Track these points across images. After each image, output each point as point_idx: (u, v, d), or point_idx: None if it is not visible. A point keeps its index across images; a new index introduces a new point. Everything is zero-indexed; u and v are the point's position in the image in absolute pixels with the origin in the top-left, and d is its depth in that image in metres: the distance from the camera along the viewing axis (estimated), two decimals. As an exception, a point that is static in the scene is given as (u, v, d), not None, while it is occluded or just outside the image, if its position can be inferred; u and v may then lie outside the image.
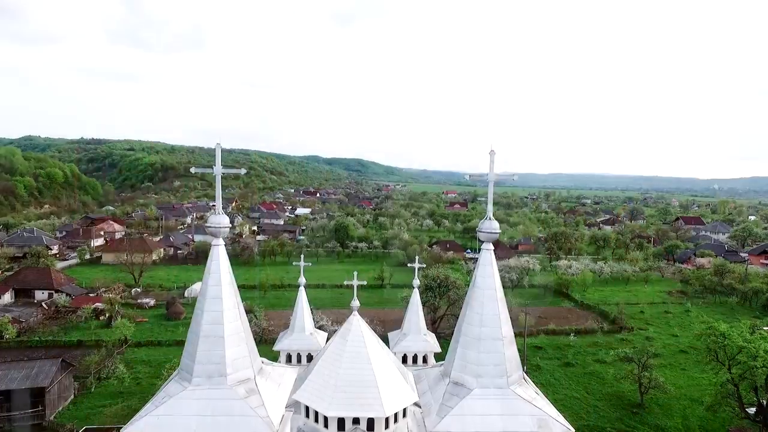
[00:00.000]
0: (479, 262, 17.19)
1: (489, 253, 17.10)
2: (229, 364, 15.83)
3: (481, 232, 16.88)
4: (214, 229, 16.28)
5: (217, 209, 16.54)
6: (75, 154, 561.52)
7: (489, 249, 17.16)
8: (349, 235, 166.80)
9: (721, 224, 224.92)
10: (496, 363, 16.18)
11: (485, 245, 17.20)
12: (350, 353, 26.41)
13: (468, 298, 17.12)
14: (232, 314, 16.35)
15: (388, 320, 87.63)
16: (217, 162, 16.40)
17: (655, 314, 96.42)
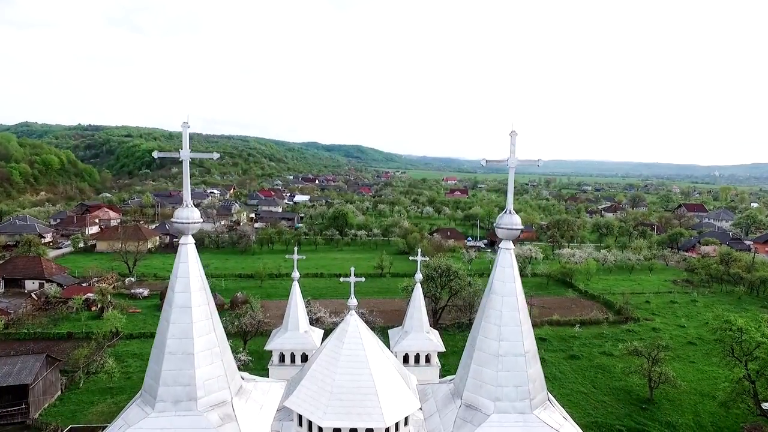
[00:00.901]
0: (497, 264, 14.55)
1: (509, 253, 14.45)
2: (200, 386, 13.28)
3: (500, 228, 14.21)
4: (182, 225, 13.64)
5: (185, 201, 13.85)
6: (72, 141, 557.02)
7: (508, 248, 14.51)
8: (348, 223, 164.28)
9: (724, 211, 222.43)
10: (518, 384, 13.63)
11: (504, 243, 14.54)
12: (347, 357, 24.06)
13: (483, 307, 14.50)
14: (204, 326, 13.75)
15: (388, 310, 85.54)
16: (185, 145, 13.68)
17: (661, 304, 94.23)
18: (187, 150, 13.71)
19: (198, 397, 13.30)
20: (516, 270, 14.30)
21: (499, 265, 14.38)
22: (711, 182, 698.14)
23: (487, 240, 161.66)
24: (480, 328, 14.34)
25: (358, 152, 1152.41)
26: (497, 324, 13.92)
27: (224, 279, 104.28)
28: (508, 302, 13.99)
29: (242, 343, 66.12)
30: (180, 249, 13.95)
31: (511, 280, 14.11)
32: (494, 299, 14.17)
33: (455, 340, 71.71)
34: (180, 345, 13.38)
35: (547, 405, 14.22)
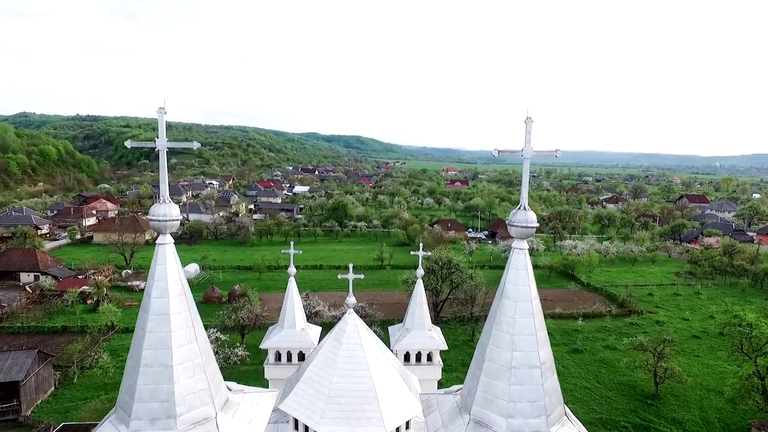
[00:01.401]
0: (509, 265, 13.13)
1: (523, 253, 13.02)
2: (179, 402, 11.92)
3: (514, 225, 12.77)
4: (159, 223, 12.21)
5: (162, 196, 12.41)
6: (71, 131, 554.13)
7: (522, 248, 13.08)
8: (347, 214, 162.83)
9: (727, 202, 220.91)
10: (533, 398, 12.28)
11: (517, 243, 13.11)
12: (345, 358, 22.78)
13: (494, 313, 13.10)
14: (185, 335, 12.36)
15: (388, 303, 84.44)
16: (161, 133, 12.22)
17: (664, 296, 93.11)
18: (164, 139, 12.24)
19: (177, 414, 11.94)
20: (531, 272, 12.90)
21: (511, 267, 12.97)
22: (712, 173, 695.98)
23: (487, 231, 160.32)
24: (490, 336, 12.95)
25: (358, 143, 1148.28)
26: (510, 333, 12.53)
27: (222, 271, 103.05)
28: (522, 308, 12.59)
29: (240, 338, 65.06)
30: (157, 249, 12.52)
31: (526, 284, 12.70)
32: (506, 305, 12.77)
33: (456, 333, 70.68)
34: (157, 356, 12.00)
35: (564, 421, 12.90)
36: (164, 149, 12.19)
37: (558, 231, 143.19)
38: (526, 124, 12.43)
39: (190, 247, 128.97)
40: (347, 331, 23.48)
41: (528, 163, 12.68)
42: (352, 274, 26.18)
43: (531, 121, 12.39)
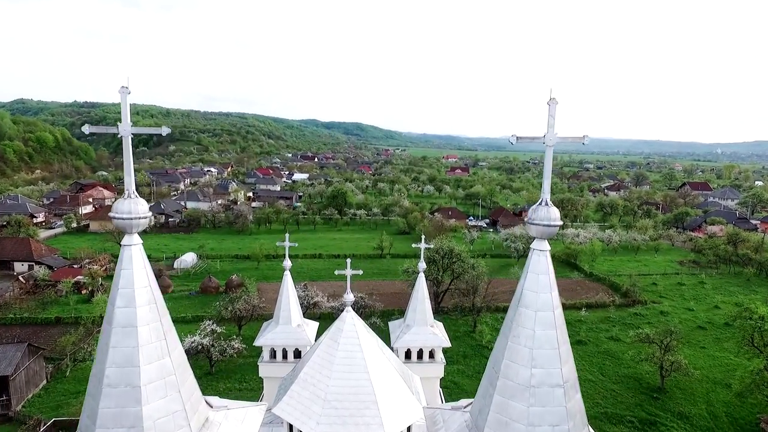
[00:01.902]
0: (528, 269, 11.47)
1: (544, 256, 11.36)
2: (149, 427, 10.33)
3: (535, 224, 11.08)
4: (124, 222, 10.54)
5: (127, 190, 10.71)
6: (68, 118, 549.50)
7: (543, 250, 11.41)
8: (347, 202, 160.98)
9: (730, 190, 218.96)
10: (554, 422, 10.72)
11: (537, 243, 11.44)
12: (343, 359, 21.41)
13: (510, 323, 11.46)
14: (156, 350, 10.73)
15: (388, 293, 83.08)
16: (125, 117, 10.47)
17: (668, 286, 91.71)
18: (128, 124, 10.49)
19: (146, 440, 10.36)
20: (552, 277, 11.26)
21: (530, 271, 11.30)
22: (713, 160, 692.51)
23: (489, 219, 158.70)
24: (506, 350, 11.33)
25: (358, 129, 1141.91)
26: (528, 346, 10.91)
27: (220, 260, 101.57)
28: (542, 318, 10.96)
29: (237, 329, 63.75)
30: (122, 252, 10.84)
31: (547, 290, 11.06)
32: (524, 315, 11.12)
33: (457, 324, 69.38)
34: (122, 375, 10.37)
35: (589, 446, 11.33)
36: (128, 135, 10.44)
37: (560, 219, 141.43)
38: (549, 106, 10.68)
39: (188, 235, 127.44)
40: (345, 331, 21.99)
41: (551, 151, 10.98)
42: (350, 270, 24.56)
43: (555, 102, 10.65)
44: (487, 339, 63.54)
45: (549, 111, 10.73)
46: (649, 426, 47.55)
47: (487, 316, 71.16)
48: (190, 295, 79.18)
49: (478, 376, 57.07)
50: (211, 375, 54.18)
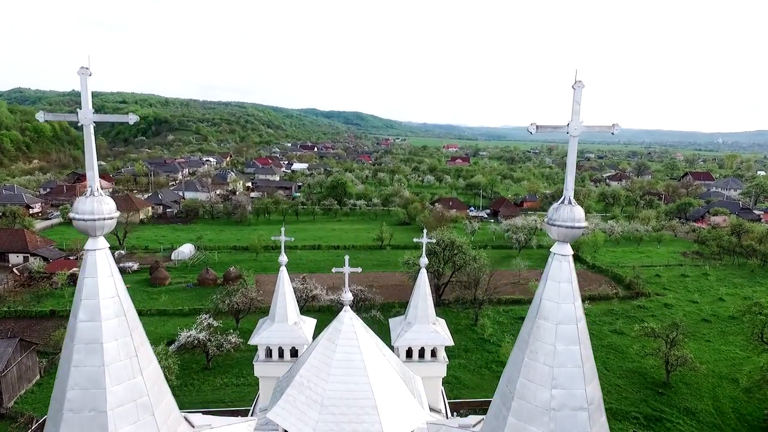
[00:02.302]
0: (548, 276, 10.12)
1: (566, 262, 10.01)
2: (117, 457, 9.06)
3: (556, 225, 9.71)
4: (86, 224, 9.20)
5: (90, 187, 9.34)
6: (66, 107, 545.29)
7: (566, 255, 10.06)
8: (347, 192, 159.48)
9: (733, 180, 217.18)
10: (578, 449, 9.41)
11: (559, 247, 10.08)
12: (340, 361, 20.25)
13: (527, 336, 10.14)
14: (125, 369, 9.43)
15: (389, 285, 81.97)
16: (85, 104, 9.07)
17: (671, 278, 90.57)
18: (89, 111, 9.08)
19: (114, 473, 9.09)
20: (576, 285, 9.92)
21: (550, 278, 9.96)
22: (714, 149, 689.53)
23: (489, 210, 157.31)
24: (522, 367, 10.02)
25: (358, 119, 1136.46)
26: (548, 364, 9.60)
27: (218, 251, 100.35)
28: (564, 333, 9.65)
29: (234, 322, 62.69)
30: (85, 258, 9.50)
31: (570, 300, 9.73)
32: (544, 328, 9.80)
33: (459, 317, 68.29)
34: (86, 399, 9.08)
35: (615, 474, 10.07)
36: (89, 124, 9.03)
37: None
38: (575, 90, 9.28)
39: (186, 226, 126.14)
40: (343, 332, 20.81)
41: (575, 142, 9.59)
42: (348, 268, 23.31)
43: (581, 85, 9.25)
44: (488, 332, 62.49)
45: (574, 96, 9.33)
46: (655, 422, 46.61)
47: (488, 308, 70.09)
48: (187, 288, 78.08)
49: (480, 371, 56.23)
50: (208, 370, 53.16)
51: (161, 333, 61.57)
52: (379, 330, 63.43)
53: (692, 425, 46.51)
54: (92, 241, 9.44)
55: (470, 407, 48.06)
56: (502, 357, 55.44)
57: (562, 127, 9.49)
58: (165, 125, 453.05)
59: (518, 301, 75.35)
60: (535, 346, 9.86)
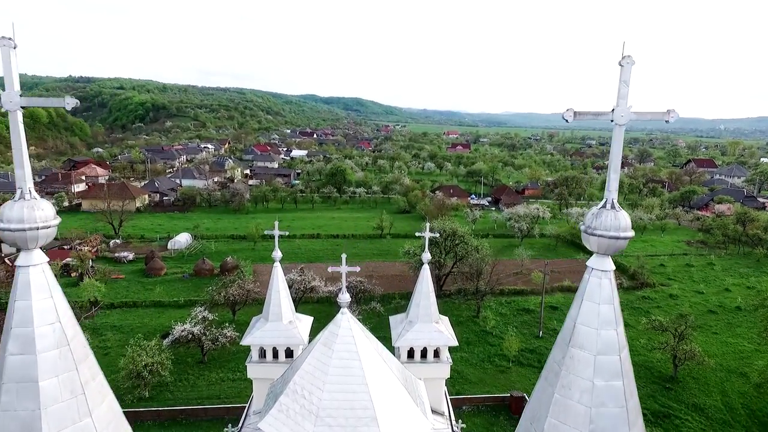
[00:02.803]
0: (583, 296, 8.35)
1: (607, 279, 8.24)
2: None
3: (595, 234, 7.92)
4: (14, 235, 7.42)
5: (21, 189, 7.53)
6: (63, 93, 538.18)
7: (606, 270, 8.29)
8: (346, 180, 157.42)
9: (736, 167, 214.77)
10: (620, 508, 7.72)
11: (597, 261, 8.30)
12: (337, 368, 18.70)
13: (556, 367, 8.39)
14: (68, 410, 7.68)
15: (389, 275, 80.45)
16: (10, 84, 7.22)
17: (676, 268, 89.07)
18: (15, 93, 7.22)
19: None
20: (618, 307, 8.16)
21: (587, 299, 8.20)
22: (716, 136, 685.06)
23: (491, 197, 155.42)
24: (551, 405, 8.29)
25: (358, 105, 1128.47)
26: (585, 404, 7.88)
27: (215, 241, 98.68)
28: (605, 365, 7.91)
29: (231, 314, 61.23)
30: (17, 276, 7.73)
31: (611, 325, 7.98)
32: (579, 359, 8.06)
33: (460, 309, 66.84)
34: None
35: None
36: (16, 109, 7.18)
37: (564, 198, 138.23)
38: (622, 68, 7.41)
39: (183, 214, 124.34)
40: (340, 336, 19.15)
41: (622, 131, 7.76)
42: (346, 267, 21.61)
43: (630, 62, 7.39)
44: (491, 325, 61.03)
45: (621, 75, 7.48)
46: (663, 419, 45.31)
47: (491, 300, 68.65)
48: (183, 278, 76.53)
49: (483, 365, 54.78)
50: (203, 364, 51.79)
51: (156, 325, 60.17)
52: (379, 322, 62.17)
53: (701, 422, 45.23)
54: (25, 255, 7.65)
55: (473, 403, 46.80)
56: (504, 350, 54.05)
57: (606, 114, 7.66)
58: (163, 111, 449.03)
59: (521, 291, 73.90)
60: (567, 380, 8.13)
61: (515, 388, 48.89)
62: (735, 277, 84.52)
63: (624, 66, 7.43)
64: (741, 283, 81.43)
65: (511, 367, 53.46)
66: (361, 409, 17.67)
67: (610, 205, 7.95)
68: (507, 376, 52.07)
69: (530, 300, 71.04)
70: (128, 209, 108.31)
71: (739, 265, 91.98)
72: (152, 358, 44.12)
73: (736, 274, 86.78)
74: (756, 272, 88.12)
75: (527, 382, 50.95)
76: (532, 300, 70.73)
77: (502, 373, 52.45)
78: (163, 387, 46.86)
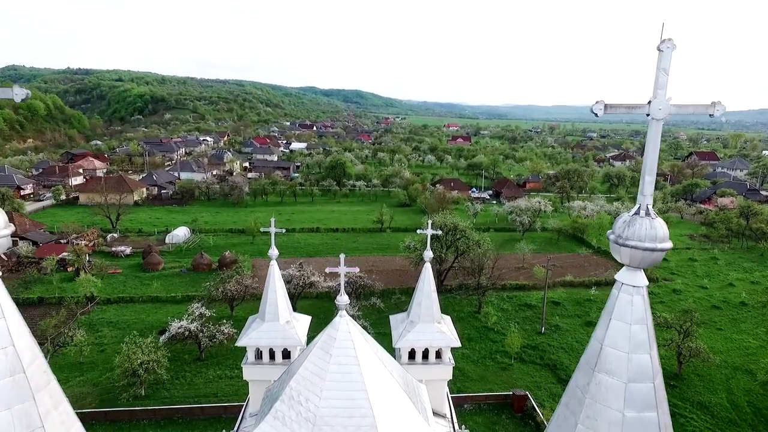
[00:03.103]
0: (611, 314, 7.36)
1: (639, 296, 7.26)
2: None
3: (628, 245, 6.92)
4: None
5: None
6: (62, 85, 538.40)
7: (638, 286, 7.29)
8: (346, 173, 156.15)
9: (739, 160, 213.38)
10: None
11: (627, 274, 7.32)
12: (335, 374, 17.85)
13: (580, 394, 7.40)
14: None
15: (389, 270, 79.58)
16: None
17: (679, 262, 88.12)
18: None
19: None
20: (651, 327, 7.16)
21: (616, 318, 7.21)
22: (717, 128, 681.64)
23: (492, 191, 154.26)
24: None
25: (358, 97, 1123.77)
26: (615, 440, 6.86)
27: (214, 235, 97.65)
28: (638, 394, 6.93)
29: (229, 310, 60.40)
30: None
31: (644, 348, 7.01)
32: (606, 386, 7.07)
33: (461, 305, 65.98)
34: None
35: None
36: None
37: (566, 191, 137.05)
38: (661, 53, 6.34)
39: (181, 208, 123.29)
40: (338, 340, 18.23)
41: (659, 126, 6.72)
42: (344, 267, 20.60)
43: (671, 46, 6.32)
44: (492, 321, 60.14)
45: (659, 62, 6.43)
46: (668, 417, 44.50)
47: (492, 295, 67.80)
48: (181, 273, 75.61)
49: (484, 361, 53.91)
50: (200, 361, 50.97)
51: (153, 321, 59.34)
52: (379, 318, 61.19)
53: (706, 420, 44.46)
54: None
55: (474, 402, 46.01)
56: (506, 347, 53.22)
57: (641, 107, 6.62)
58: (162, 104, 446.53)
59: (522, 286, 73.05)
60: (593, 409, 7.16)
61: (517, 385, 48.12)
62: (739, 272, 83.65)
63: (663, 51, 6.39)
64: (745, 277, 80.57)
65: (513, 364, 52.65)
66: (360, 416, 16.90)
67: (644, 211, 6.92)
68: (509, 373, 51.27)
69: (532, 295, 70.16)
70: (126, 203, 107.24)
71: (743, 260, 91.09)
72: (148, 356, 43.27)
73: (740, 268, 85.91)
74: (760, 266, 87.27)
75: (529, 379, 50.19)
76: (534, 295, 69.86)
77: (504, 371, 51.65)
78: (159, 385, 46.07)
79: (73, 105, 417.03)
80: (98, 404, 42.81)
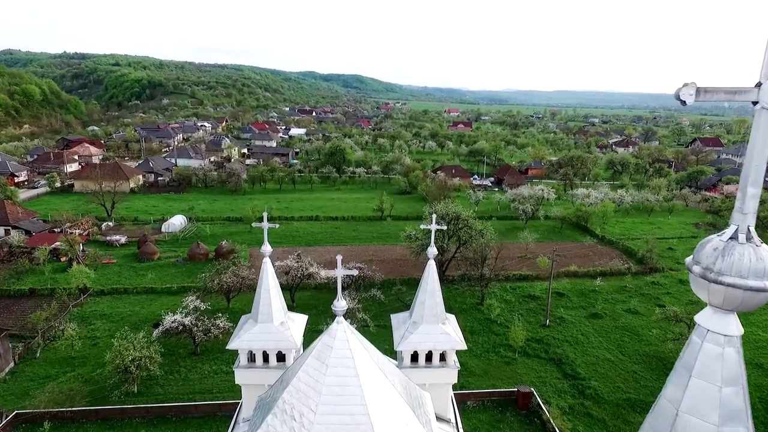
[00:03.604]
0: (692, 371, 5.57)
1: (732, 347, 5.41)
2: None
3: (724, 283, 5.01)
4: None
5: None
6: (58, 70, 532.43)
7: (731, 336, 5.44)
8: (345, 159, 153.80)
9: (744, 146, 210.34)
10: None
11: (718, 322, 5.44)
12: (332, 386, 16.30)
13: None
14: None
15: (389, 260, 77.94)
16: None
17: (686, 251, 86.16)
18: None
19: None
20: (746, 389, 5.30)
21: (698, 376, 5.39)
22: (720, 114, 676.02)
23: (494, 178, 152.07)
24: None
25: (357, 82, 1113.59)
26: None
27: (211, 223, 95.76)
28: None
29: (225, 302, 58.82)
30: None
31: (740, 421, 5.20)
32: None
33: (464, 296, 64.37)
34: None
35: None
36: None
37: (569, 178, 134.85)
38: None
39: (178, 195, 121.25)
40: (335, 349, 16.55)
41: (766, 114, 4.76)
42: (342, 270, 18.82)
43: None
44: (496, 313, 58.56)
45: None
46: (678, 415, 43.14)
47: (495, 286, 66.19)
48: (176, 263, 73.94)
49: (487, 355, 52.34)
50: (195, 356, 49.46)
51: (147, 314, 57.80)
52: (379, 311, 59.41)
53: (717, 417, 43.07)
54: None
55: (478, 398, 44.58)
56: (510, 340, 51.69)
57: (747, 92, 4.71)
58: (159, 89, 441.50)
59: (526, 277, 71.45)
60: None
61: (522, 381, 46.67)
62: None
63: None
64: None
65: (517, 358, 51.16)
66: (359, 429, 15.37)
67: (745, 235, 5.05)
68: (513, 367, 49.79)
69: (536, 286, 68.57)
70: (121, 190, 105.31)
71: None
72: (140, 352, 41.70)
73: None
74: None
75: (534, 374, 48.73)
76: (538, 286, 68.28)
77: (508, 365, 50.16)
78: (152, 381, 44.61)
79: (70, 90, 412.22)
80: (89, 402, 41.36)
